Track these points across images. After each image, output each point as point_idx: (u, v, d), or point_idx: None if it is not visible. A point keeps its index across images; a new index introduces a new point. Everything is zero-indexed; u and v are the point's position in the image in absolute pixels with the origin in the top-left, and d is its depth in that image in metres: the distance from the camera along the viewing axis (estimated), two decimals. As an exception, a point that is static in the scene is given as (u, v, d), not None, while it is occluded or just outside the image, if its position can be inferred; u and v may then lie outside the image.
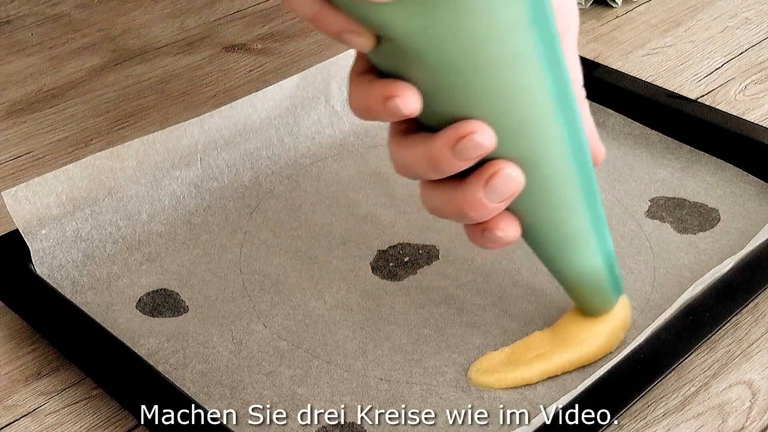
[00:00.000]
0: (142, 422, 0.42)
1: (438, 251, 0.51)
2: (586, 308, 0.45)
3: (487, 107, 0.36)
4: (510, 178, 0.38)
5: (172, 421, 0.41)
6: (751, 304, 0.47)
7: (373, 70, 0.38)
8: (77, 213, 0.50)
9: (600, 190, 0.42)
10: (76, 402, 0.44)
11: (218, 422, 0.40)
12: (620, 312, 0.45)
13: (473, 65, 0.35)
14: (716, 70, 0.66)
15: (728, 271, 0.46)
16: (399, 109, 0.36)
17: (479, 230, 0.40)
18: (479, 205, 0.38)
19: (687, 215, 0.53)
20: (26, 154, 0.60)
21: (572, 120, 0.38)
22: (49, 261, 0.49)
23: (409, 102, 0.36)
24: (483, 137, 0.36)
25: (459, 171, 0.38)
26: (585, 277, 0.43)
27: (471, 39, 0.35)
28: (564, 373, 0.44)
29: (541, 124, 0.38)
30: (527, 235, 0.41)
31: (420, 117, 0.38)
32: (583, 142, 0.39)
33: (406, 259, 0.51)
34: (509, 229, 0.40)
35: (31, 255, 0.48)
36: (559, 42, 0.37)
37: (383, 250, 0.51)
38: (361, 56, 0.39)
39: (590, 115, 0.43)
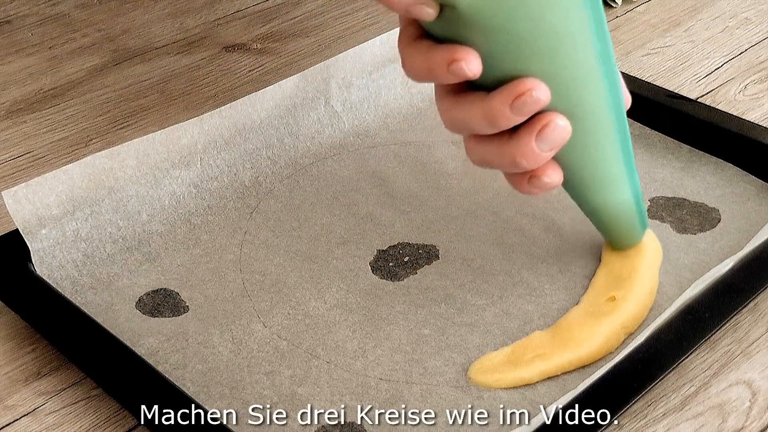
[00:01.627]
0: (142, 422, 0.42)
1: (438, 251, 0.51)
2: (617, 241, 0.49)
3: (542, 66, 0.40)
4: (560, 128, 0.41)
5: (172, 421, 0.41)
6: (751, 304, 0.47)
7: (425, 36, 0.41)
8: (77, 213, 0.50)
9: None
10: (76, 402, 0.44)
11: (218, 422, 0.40)
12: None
13: (534, 31, 0.39)
14: (716, 70, 0.66)
15: (728, 271, 0.46)
16: (464, 72, 0.40)
17: (525, 178, 0.43)
18: (531, 155, 0.42)
19: (687, 215, 0.53)
20: (26, 154, 0.60)
21: (612, 74, 0.43)
22: (49, 261, 0.49)
23: (473, 65, 0.40)
24: (540, 93, 0.40)
25: (513, 125, 0.41)
26: (618, 212, 0.47)
27: (535, 7, 0.39)
28: (564, 373, 0.44)
29: (587, 79, 0.42)
30: (568, 179, 0.45)
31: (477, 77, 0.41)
32: (620, 92, 0.44)
33: (406, 258, 0.51)
34: (554, 175, 0.43)
35: (31, 255, 0.48)
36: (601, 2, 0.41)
37: (383, 250, 0.51)
38: (409, 25, 0.42)
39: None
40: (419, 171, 0.57)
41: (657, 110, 0.59)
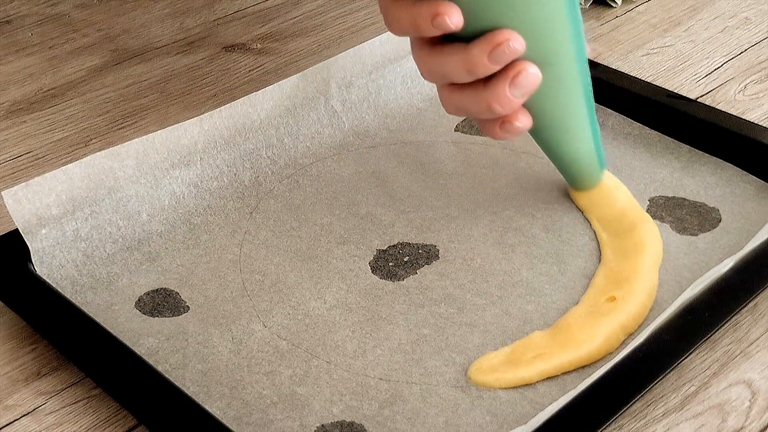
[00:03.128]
0: (142, 422, 0.42)
1: (438, 251, 0.51)
2: (580, 183, 0.53)
3: (517, 18, 0.44)
4: (532, 75, 0.45)
5: (172, 421, 0.41)
6: (751, 304, 0.47)
7: None
8: (77, 213, 0.50)
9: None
10: (76, 402, 0.44)
11: (218, 422, 0.40)
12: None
13: None
14: (716, 69, 0.66)
15: (728, 271, 0.46)
16: (447, 25, 0.44)
17: (497, 124, 0.47)
18: (505, 100, 0.45)
19: (687, 215, 0.53)
20: (26, 154, 0.60)
21: (578, 25, 0.46)
22: (48, 261, 0.49)
23: (455, 18, 0.43)
24: (516, 43, 0.44)
25: (489, 74, 0.45)
26: (580, 155, 0.51)
27: None
28: (564, 373, 0.44)
29: (556, 30, 0.46)
30: (536, 124, 0.49)
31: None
32: (584, 44, 0.48)
33: (406, 258, 0.51)
34: (525, 120, 0.47)
35: (31, 255, 0.48)
36: None
37: (383, 250, 0.51)
38: None
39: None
40: (419, 171, 0.57)
41: (657, 110, 0.59)
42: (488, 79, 0.46)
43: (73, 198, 0.50)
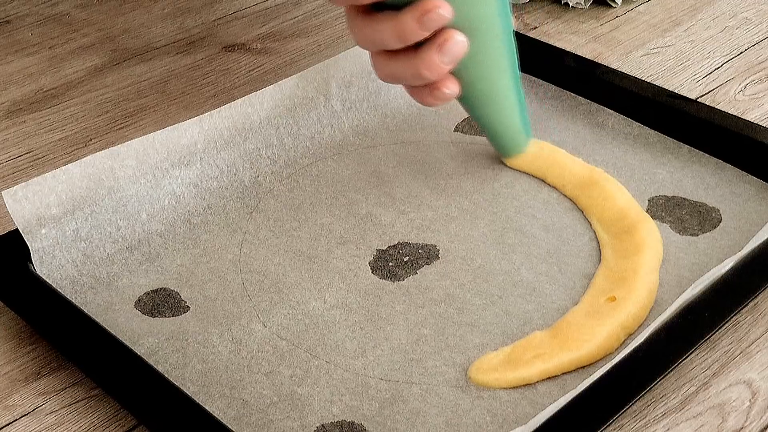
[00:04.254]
0: (142, 422, 0.42)
1: (438, 251, 0.51)
2: (507, 149, 0.56)
3: None
4: (459, 43, 0.48)
5: (172, 421, 0.41)
6: (751, 304, 0.47)
7: None
8: (77, 212, 0.50)
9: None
10: (76, 402, 0.44)
11: (218, 422, 0.40)
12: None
13: None
14: (716, 69, 0.66)
15: (728, 271, 0.46)
16: None
17: (427, 90, 0.50)
18: (434, 67, 0.48)
19: (687, 215, 0.53)
20: (26, 154, 0.60)
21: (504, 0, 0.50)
22: (48, 261, 0.49)
23: None
24: (445, 11, 0.47)
25: (419, 40, 0.48)
26: (506, 124, 0.54)
27: None
28: (564, 373, 0.44)
29: (482, 2, 0.49)
30: (465, 91, 0.51)
31: None
32: (509, 14, 0.51)
33: (406, 258, 0.51)
34: (453, 87, 0.50)
35: (31, 255, 0.48)
36: None
37: (383, 250, 0.51)
38: None
39: None
40: (419, 171, 0.57)
41: (657, 110, 0.59)
42: (418, 47, 0.48)
43: (73, 198, 0.50)
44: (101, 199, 0.51)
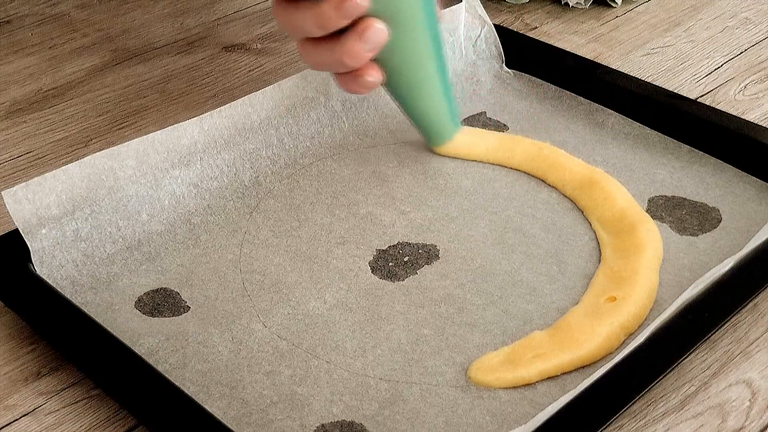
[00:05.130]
0: (142, 422, 0.42)
1: (438, 251, 0.51)
2: (434, 138, 0.57)
3: None
4: (379, 30, 0.49)
5: (172, 421, 0.41)
6: (751, 304, 0.47)
7: None
8: (77, 213, 0.50)
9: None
10: (76, 402, 0.44)
11: (218, 422, 0.40)
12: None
13: None
14: (716, 70, 0.66)
15: (728, 271, 0.46)
16: None
17: (351, 77, 0.51)
18: (356, 54, 0.50)
19: (687, 215, 0.53)
20: (26, 154, 0.60)
21: None
22: (48, 261, 0.49)
23: None
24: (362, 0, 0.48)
25: (338, 29, 0.49)
26: (432, 112, 0.55)
27: None
28: (564, 373, 0.44)
29: None
30: (390, 80, 0.53)
31: None
32: (434, 4, 0.52)
33: (406, 258, 0.51)
34: (376, 74, 0.51)
35: (31, 255, 0.48)
36: None
37: (383, 250, 0.51)
38: None
39: None
40: (419, 171, 0.57)
41: (657, 110, 0.59)
42: (340, 35, 0.50)
43: (73, 198, 0.50)
44: (101, 199, 0.51)
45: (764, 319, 0.47)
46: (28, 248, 0.49)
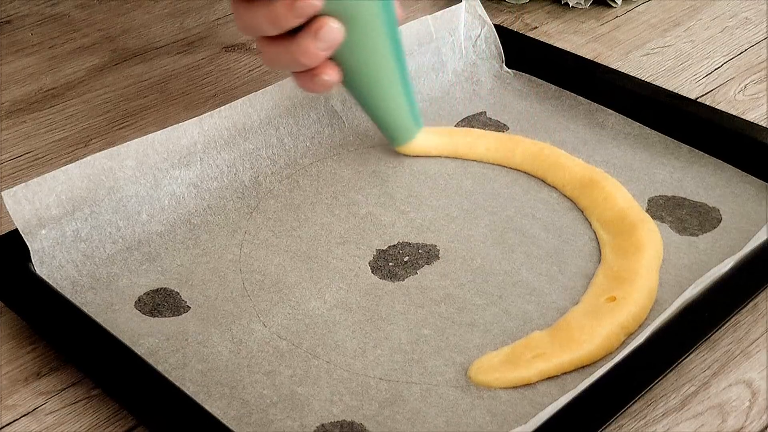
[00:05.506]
0: (142, 422, 0.42)
1: (438, 251, 0.51)
2: (395, 137, 0.57)
3: None
4: (333, 29, 0.49)
5: (172, 421, 0.41)
6: (751, 304, 0.47)
7: None
8: (77, 213, 0.50)
9: None
10: (76, 402, 0.44)
11: (218, 422, 0.40)
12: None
13: None
14: (716, 70, 0.66)
15: (728, 271, 0.46)
16: None
17: (308, 76, 0.51)
18: (310, 53, 0.50)
19: (687, 215, 0.53)
20: (26, 154, 0.60)
21: None
22: (48, 261, 0.49)
23: None
24: None
25: (293, 27, 0.49)
26: (392, 112, 0.55)
27: None
28: (564, 373, 0.44)
29: None
30: (349, 79, 0.53)
31: None
32: (391, 3, 0.52)
33: (406, 258, 0.51)
34: (332, 73, 0.51)
35: (31, 255, 0.48)
36: None
37: (383, 250, 0.51)
38: None
39: None
40: (419, 171, 0.57)
41: (657, 110, 0.59)
42: (296, 34, 0.49)
43: (73, 198, 0.50)
44: (101, 199, 0.51)
45: (764, 319, 0.47)
46: (28, 248, 0.48)
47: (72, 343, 0.45)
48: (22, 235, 0.48)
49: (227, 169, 0.55)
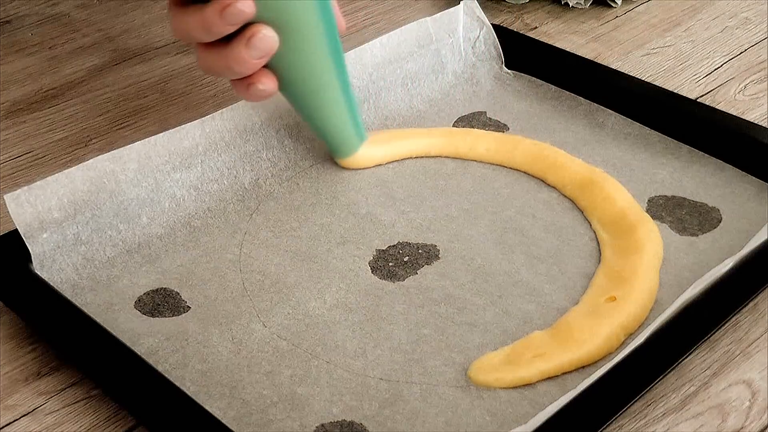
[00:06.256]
0: (142, 422, 0.42)
1: (438, 251, 0.51)
2: (337, 149, 0.56)
3: None
4: (267, 38, 0.48)
5: (172, 421, 0.41)
6: (751, 304, 0.47)
7: None
8: (78, 216, 0.50)
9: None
10: (76, 402, 0.44)
11: (218, 422, 0.40)
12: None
13: None
14: (716, 70, 0.66)
15: (728, 271, 0.46)
16: None
17: (245, 85, 0.50)
18: (242, 61, 0.48)
19: (687, 215, 0.53)
20: (26, 154, 0.60)
21: None
22: (49, 265, 0.49)
23: None
24: (244, 6, 0.47)
25: (227, 34, 0.48)
26: (332, 120, 0.54)
27: None
28: (564, 373, 0.44)
29: None
30: (288, 89, 0.52)
31: None
32: (331, 13, 0.51)
33: (406, 258, 0.51)
34: (269, 83, 0.50)
35: (32, 259, 0.48)
36: None
37: (383, 250, 0.51)
38: None
39: None
40: (419, 171, 0.57)
41: (657, 110, 0.59)
42: (229, 41, 0.48)
43: (74, 201, 0.50)
44: (103, 202, 0.51)
45: (764, 319, 0.47)
46: (28, 248, 0.48)
47: (72, 343, 0.45)
48: (24, 239, 0.48)
49: (227, 171, 0.55)
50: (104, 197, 0.51)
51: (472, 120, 0.60)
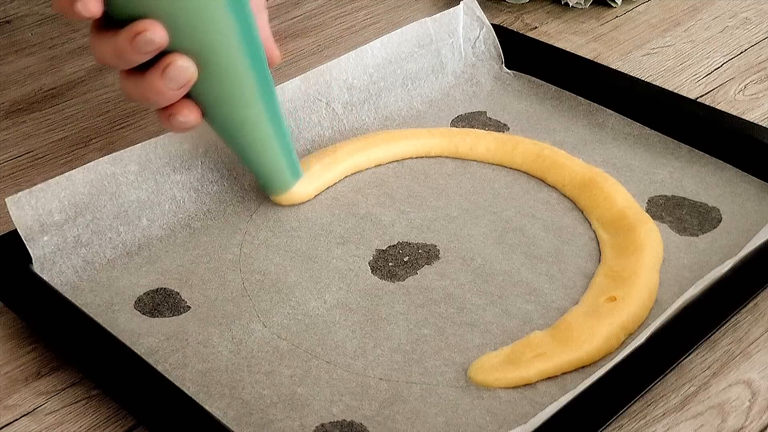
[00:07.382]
0: (142, 422, 0.42)
1: (438, 251, 0.51)
2: (268, 184, 0.53)
3: (159, 9, 0.44)
4: (182, 68, 0.46)
5: (172, 421, 0.41)
6: (751, 304, 0.47)
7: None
8: (78, 219, 0.50)
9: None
10: (76, 402, 0.44)
11: (218, 422, 0.40)
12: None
13: None
14: (716, 69, 0.66)
15: (728, 271, 0.46)
16: (81, 13, 0.44)
17: (167, 115, 0.48)
18: (159, 92, 0.46)
19: (687, 215, 0.53)
20: (26, 154, 0.60)
21: (245, 21, 0.47)
22: (49, 267, 0.49)
23: (90, 5, 0.44)
24: (154, 34, 0.44)
25: (142, 62, 0.45)
26: (264, 159, 0.51)
27: None
28: (564, 373, 0.44)
29: (215, 28, 0.46)
30: (213, 120, 0.49)
31: (110, 14, 0.45)
32: (258, 44, 0.48)
33: (406, 258, 0.51)
34: (191, 116, 0.48)
35: (33, 262, 0.48)
36: None
37: (383, 250, 0.51)
38: None
39: (267, 22, 0.51)
40: (419, 171, 0.57)
41: (657, 110, 0.59)
42: (146, 70, 0.46)
43: (75, 204, 0.50)
44: (103, 205, 0.51)
45: (764, 319, 0.47)
46: (28, 249, 0.48)
47: (72, 343, 0.45)
48: (25, 242, 0.48)
49: (227, 173, 0.55)
50: (104, 199, 0.51)
51: (472, 120, 0.61)
